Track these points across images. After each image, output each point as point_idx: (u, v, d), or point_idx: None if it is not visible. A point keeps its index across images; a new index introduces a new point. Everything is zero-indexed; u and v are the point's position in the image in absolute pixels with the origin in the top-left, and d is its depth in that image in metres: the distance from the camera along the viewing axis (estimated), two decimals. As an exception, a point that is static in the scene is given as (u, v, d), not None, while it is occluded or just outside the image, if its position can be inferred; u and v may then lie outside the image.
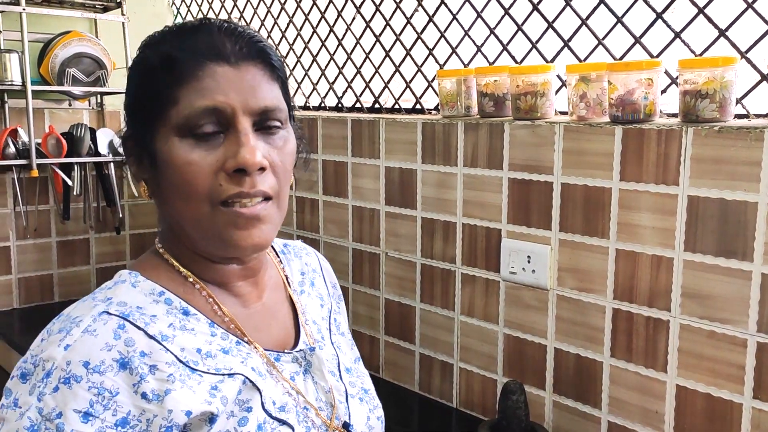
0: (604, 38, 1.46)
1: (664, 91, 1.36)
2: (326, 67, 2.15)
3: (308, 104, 2.25)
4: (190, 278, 0.82)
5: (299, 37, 2.22)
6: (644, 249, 1.31)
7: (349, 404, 0.88)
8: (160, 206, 0.83)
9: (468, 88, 1.63)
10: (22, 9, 2.18)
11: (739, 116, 1.27)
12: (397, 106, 1.93)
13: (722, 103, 1.21)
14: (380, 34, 1.94)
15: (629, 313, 1.34)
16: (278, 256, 0.98)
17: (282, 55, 2.27)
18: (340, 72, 2.10)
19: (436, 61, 1.81)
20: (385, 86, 1.95)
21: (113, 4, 2.45)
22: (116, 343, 0.72)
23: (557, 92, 1.52)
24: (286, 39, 2.27)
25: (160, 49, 0.78)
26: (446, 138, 1.65)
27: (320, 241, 2.04)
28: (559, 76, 1.52)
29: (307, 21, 2.18)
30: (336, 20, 2.07)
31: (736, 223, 1.18)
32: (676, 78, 1.31)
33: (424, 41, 1.83)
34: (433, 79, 1.80)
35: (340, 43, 2.08)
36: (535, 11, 1.56)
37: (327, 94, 2.17)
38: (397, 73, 1.91)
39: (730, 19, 1.27)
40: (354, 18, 2.01)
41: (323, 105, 2.18)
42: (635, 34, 1.41)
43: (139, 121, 0.81)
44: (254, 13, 2.39)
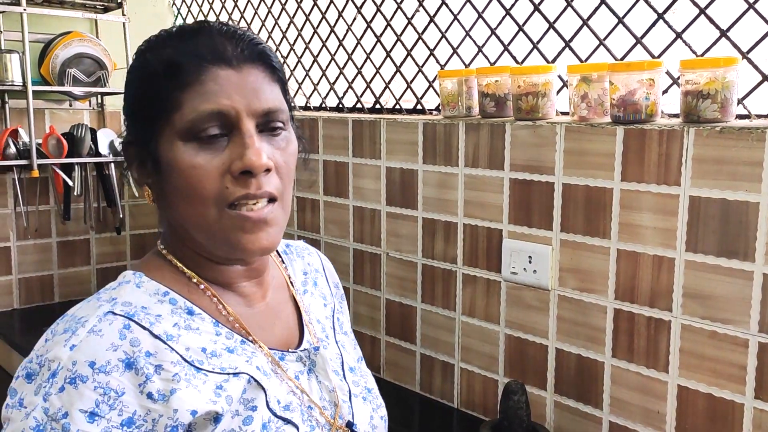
0: (605, 38, 1.46)
1: (666, 92, 1.36)
2: (327, 67, 2.15)
3: (309, 105, 2.25)
4: (194, 279, 0.82)
5: (300, 38, 2.22)
6: (645, 249, 1.31)
7: (352, 403, 0.88)
8: (163, 210, 0.83)
9: (469, 88, 1.63)
10: (23, 9, 2.18)
11: (740, 117, 1.28)
12: (398, 107, 1.93)
13: (724, 104, 1.21)
14: (381, 35, 1.94)
15: (630, 313, 1.34)
16: (280, 257, 0.98)
17: (283, 56, 2.27)
18: (341, 72, 2.10)
19: (437, 62, 1.81)
20: (386, 86, 1.95)
21: (114, 5, 2.46)
22: (122, 343, 0.72)
23: (558, 92, 1.52)
24: (287, 39, 2.27)
25: (161, 54, 0.78)
26: (447, 138, 1.65)
27: (321, 242, 2.04)
28: (560, 77, 1.52)
29: (308, 21, 2.18)
30: (337, 20, 2.07)
31: (738, 224, 1.18)
32: (678, 78, 1.31)
33: (425, 41, 1.83)
34: (434, 80, 1.80)
35: (341, 44, 2.08)
36: (537, 11, 1.56)
37: (328, 94, 2.17)
38: (398, 74, 1.91)
39: (732, 20, 1.27)
40: (355, 18, 2.01)
41: (324, 105, 2.18)
42: (636, 34, 1.41)
43: (140, 126, 0.80)
44: (255, 13, 2.39)
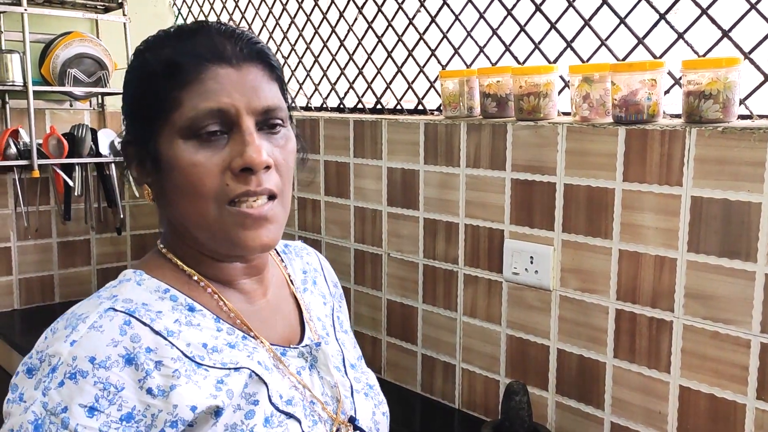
0: (607, 39, 1.46)
1: (668, 92, 1.36)
2: (328, 67, 2.15)
3: (310, 105, 2.25)
4: (195, 276, 0.83)
5: (301, 38, 2.22)
6: (647, 250, 1.31)
7: (354, 399, 0.89)
8: (163, 209, 0.84)
9: (471, 88, 1.63)
10: (24, 9, 2.18)
11: (742, 117, 1.28)
12: (399, 107, 1.93)
13: (726, 104, 1.21)
14: (382, 35, 1.94)
15: (632, 313, 1.34)
16: (279, 256, 0.99)
17: (284, 56, 2.27)
18: (342, 73, 2.10)
19: (439, 62, 1.81)
20: (387, 87, 1.95)
21: (114, 5, 2.46)
22: (122, 338, 0.72)
23: (560, 93, 1.52)
24: (288, 39, 2.27)
25: (160, 54, 0.78)
26: (449, 139, 1.65)
27: (322, 242, 2.04)
28: (562, 77, 1.52)
29: (309, 21, 2.18)
30: (338, 21, 2.07)
31: (740, 224, 1.18)
32: (680, 79, 1.31)
33: (426, 42, 1.83)
34: (436, 80, 1.80)
35: (342, 44, 2.08)
36: (538, 12, 1.56)
37: (329, 94, 2.17)
38: (400, 74, 1.91)
39: (734, 20, 1.27)
40: (356, 18, 2.01)
41: (325, 106, 2.18)
42: (638, 34, 1.41)
43: (140, 126, 0.81)
44: (256, 13, 2.39)
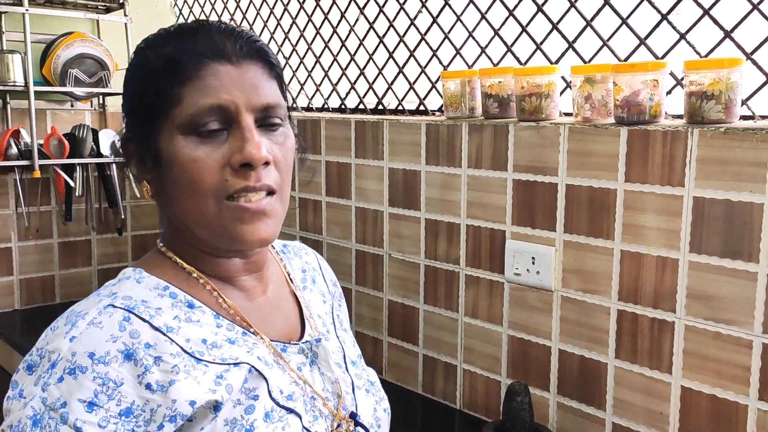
0: (608, 39, 1.46)
1: (670, 93, 1.36)
2: (329, 68, 2.15)
3: (312, 106, 2.25)
4: (194, 273, 0.83)
5: (302, 38, 2.22)
6: (649, 250, 1.31)
7: (355, 395, 0.89)
8: (162, 206, 0.84)
9: (472, 89, 1.63)
10: (25, 10, 2.18)
11: (744, 117, 1.28)
12: (400, 108, 1.93)
13: (728, 105, 1.21)
14: (384, 35, 1.94)
15: (634, 314, 1.34)
16: (279, 255, 0.99)
17: (286, 57, 2.27)
18: (344, 73, 2.10)
19: (440, 63, 1.81)
20: (389, 87, 1.95)
21: (116, 5, 2.46)
22: (121, 334, 0.73)
23: (562, 93, 1.52)
24: (289, 40, 2.27)
25: (161, 52, 0.79)
26: (450, 139, 1.65)
27: (323, 243, 2.04)
28: (563, 78, 1.52)
29: (310, 22, 2.18)
30: (339, 21, 2.07)
31: (742, 225, 1.18)
32: (682, 79, 1.31)
33: (428, 42, 1.83)
34: (437, 81, 1.80)
35: (344, 45, 2.08)
36: (540, 12, 1.56)
37: (330, 95, 2.17)
38: (401, 75, 1.91)
39: (736, 21, 1.27)
40: (357, 19, 2.01)
41: (327, 106, 2.18)
42: (640, 35, 1.41)
43: (140, 123, 0.81)
44: (257, 13, 2.39)
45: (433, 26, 1.81)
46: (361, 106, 2.05)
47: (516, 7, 1.61)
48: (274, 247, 0.99)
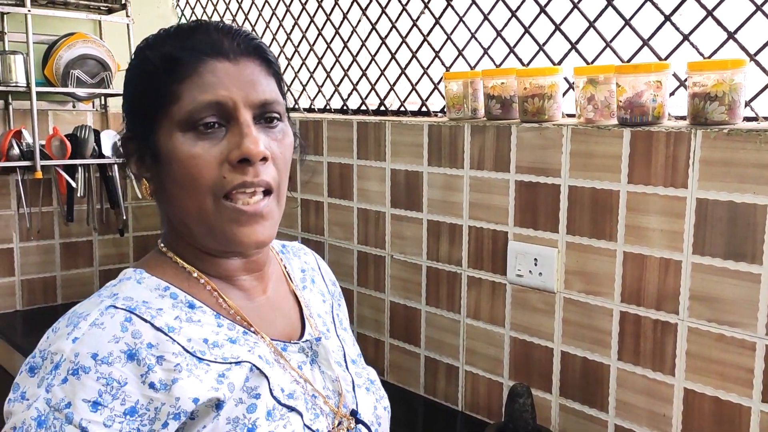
0: (612, 40, 1.45)
1: (673, 94, 1.36)
2: (331, 69, 2.15)
3: (313, 106, 2.25)
4: (195, 273, 0.84)
5: (304, 39, 2.22)
6: (652, 252, 1.30)
7: (356, 393, 0.90)
8: (162, 204, 0.85)
9: (475, 90, 1.63)
10: (27, 10, 2.18)
11: (748, 119, 1.27)
12: (403, 109, 1.93)
13: (731, 106, 1.21)
14: (386, 36, 1.94)
15: (637, 316, 1.34)
16: (279, 255, 1.00)
17: (287, 58, 2.27)
18: (346, 74, 2.09)
19: (443, 64, 1.81)
20: (391, 88, 1.95)
21: (118, 6, 2.46)
22: (123, 335, 0.73)
23: (565, 94, 1.51)
24: (291, 41, 2.27)
25: (160, 51, 0.80)
26: (452, 140, 1.65)
27: (325, 244, 2.04)
28: (566, 79, 1.52)
29: (312, 23, 2.18)
30: (341, 22, 2.07)
31: (745, 226, 1.18)
32: (685, 80, 1.31)
33: (430, 43, 1.83)
34: (440, 82, 1.80)
35: (346, 46, 2.08)
36: (543, 13, 1.56)
37: (332, 96, 2.16)
38: (403, 76, 1.91)
39: (739, 22, 1.27)
40: (360, 20, 2.01)
41: (328, 107, 2.18)
42: (643, 36, 1.40)
43: (140, 121, 0.82)
44: (259, 14, 2.39)
45: (436, 27, 1.80)
46: (364, 107, 2.05)
47: (519, 8, 1.61)
48: (273, 247, 0.99)
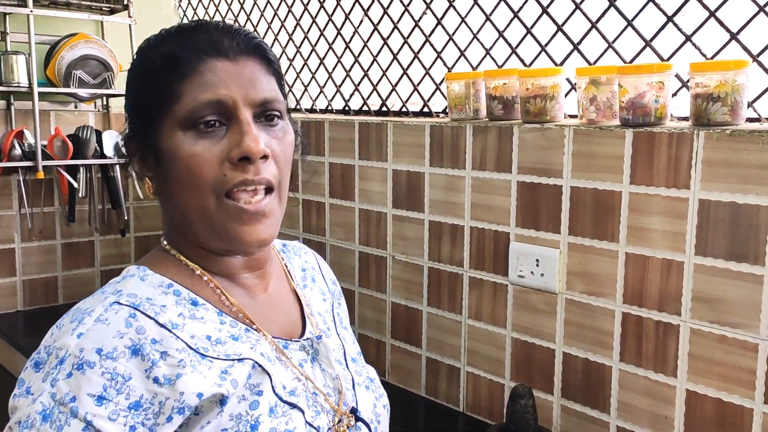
0: (614, 41, 1.45)
1: (675, 95, 1.36)
2: (333, 69, 2.15)
3: (315, 107, 2.25)
4: (197, 270, 0.84)
5: (306, 40, 2.22)
6: (654, 253, 1.30)
7: (356, 391, 0.90)
8: (164, 202, 0.86)
9: (477, 91, 1.63)
10: (30, 11, 2.19)
11: (750, 120, 1.27)
12: (404, 109, 1.92)
13: (734, 107, 1.21)
14: (388, 37, 1.94)
15: (639, 317, 1.33)
16: (280, 253, 1.00)
17: (289, 59, 2.27)
18: (348, 75, 2.09)
19: (445, 64, 1.81)
20: (393, 89, 1.95)
21: (120, 7, 2.46)
22: (128, 330, 0.74)
23: (567, 95, 1.51)
24: (293, 42, 2.27)
25: (161, 50, 0.81)
26: (454, 141, 1.64)
27: (327, 244, 2.04)
28: (568, 79, 1.51)
29: (315, 24, 2.18)
30: (343, 23, 2.07)
31: (748, 227, 1.18)
32: (687, 81, 1.30)
33: (432, 44, 1.83)
34: (442, 82, 1.80)
35: (348, 46, 2.08)
36: (545, 14, 1.56)
37: (334, 96, 2.16)
38: (405, 76, 1.91)
39: (742, 23, 1.27)
40: (362, 21, 2.01)
41: (330, 108, 2.18)
42: (646, 37, 1.40)
43: (141, 120, 0.83)
44: (261, 15, 2.39)
45: (438, 28, 1.80)
46: (365, 108, 2.05)
47: (521, 8, 1.61)
48: (274, 246, 0.99)
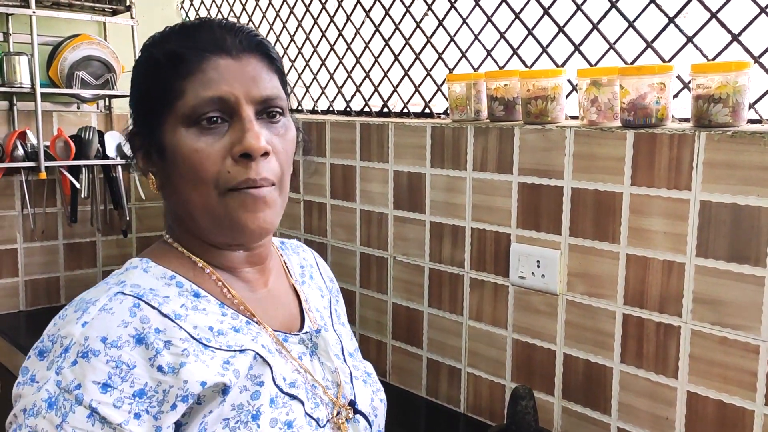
0: (615, 42, 1.45)
1: (677, 96, 1.36)
2: (335, 70, 2.15)
3: (317, 108, 2.25)
4: (200, 263, 0.86)
5: (308, 41, 2.23)
6: (655, 254, 1.30)
7: (353, 385, 0.91)
8: (168, 198, 0.87)
9: (478, 92, 1.63)
10: (32, 12, 2.19)
11: (752, 121, 1.27)
12: (406, 110, 1.93)
13: (735, 108, 1.20)
14: (389, 38, 1.94)
15: (640, 318, 1.33)
16: (279, 250, 1.02)
17: (291, 60, 2.27)
18: (349, 76, 2.09)
19: (446, 66, 1.81)
20: (394, 90, 1.95)
21: (122, 8, 2.46)
22: (132, 320, 0.75)
23: (568, 96, 1.51)
24: (295, 43, 2.27)
25: (165, 47, 0.82)
26: (455, 142, 1.64)
27: (328, 245, 2.04)
28: (569, 81, 1.51)
29: (316, 25, 2.18)
30: (345, 24, 2.07)
31: (749, 229, 1.17)
32: (689, 82, 1.30)
33: (433, 45, 1.83)
34: (443, 83, 1.80)
35: (349, 47, 2.08)
36: (546, 15, 1.56)
37: (336, 97, 2.17)
38: (407, 77, 1.91)
39: (743, 24, 1.26)
40: (363, 22, 2.01)
41: (332, 109, 2.18)
42: (647, 38, 1.40)
43: (145, 117, 0.84)
44: (263, 16, 2.40)
45: (439, 29, 1.81)
46: (367, 109, 2.05)
47: (522, 9, 1.61)
48: (273, 243, 1.00)
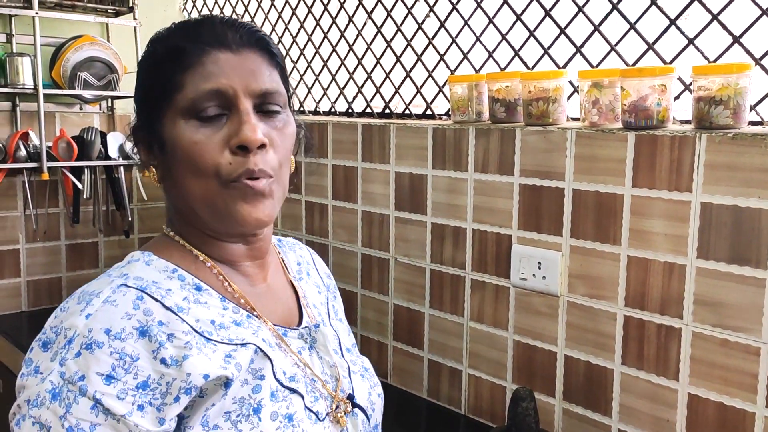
0: (616, 44, 1.45)
1: (678, 98, 1.36)
2: (337, 72, 2.15)
3: (319, 109, 2.25)
4: (201, 257, 0.87)
5: (310, 42, 2.23)
6: (656, 256, 1.30)
7: (351, 379, 0.92)
8: (168, 191, 0.88)
9: (479, 93, 1.63)
10: (35, 13, 2.20)
11: (753, 123, 1.27)
12: (407, 112, 1.93)
13: (736, 110, 1.20)
14: (391, 40, 1.94)
15: (641, 320, 1.33)
16: (276, 247, 1.03)
17: (293, 61, 2.27)
18: (351, 77, 2.10)
19: (447, 67, 1.81)
20: (396, 91, 1.95)
21: (125, 9, 2.47)
22: (135, 312, 0.75)
23: (569, 98, 1.51)
24: (297, 44, 2.28)
25: (167, 42, 0.84)
26: (457, 143, 1.65)
27: (329, 246, 2.04)
28: (571, 82, 1.51)
29: (318, 26, 2.19)
30: (347, 25, 2.08)
31: (750, 231, 1.17)
32: (690, 84, 1.30)
33: (435, 47, 1.83)
34: (444, 85, 1.80)
35: (351, 49, 2.08)
36: (548, 17, 1.56)
37: (337, 99, 2.17)
38: (408, 79, 1.91)
39: (744, 26, 1.26)
40: (365, 23, 2.01)
41: (334, 110, 2.19)
42: (648, 40, 1.40)
43: (147, 110, 0.86)
44: (265, 17, 2.40)
45: (441, 30, 1.81)
46: (368, 110, 2.06)
47: (524, 11, 1.61)
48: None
